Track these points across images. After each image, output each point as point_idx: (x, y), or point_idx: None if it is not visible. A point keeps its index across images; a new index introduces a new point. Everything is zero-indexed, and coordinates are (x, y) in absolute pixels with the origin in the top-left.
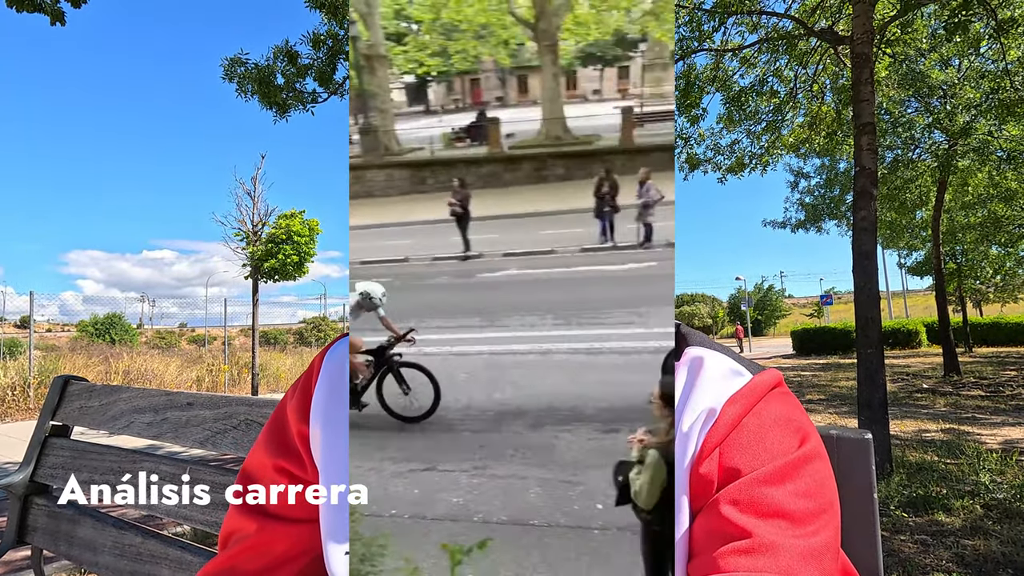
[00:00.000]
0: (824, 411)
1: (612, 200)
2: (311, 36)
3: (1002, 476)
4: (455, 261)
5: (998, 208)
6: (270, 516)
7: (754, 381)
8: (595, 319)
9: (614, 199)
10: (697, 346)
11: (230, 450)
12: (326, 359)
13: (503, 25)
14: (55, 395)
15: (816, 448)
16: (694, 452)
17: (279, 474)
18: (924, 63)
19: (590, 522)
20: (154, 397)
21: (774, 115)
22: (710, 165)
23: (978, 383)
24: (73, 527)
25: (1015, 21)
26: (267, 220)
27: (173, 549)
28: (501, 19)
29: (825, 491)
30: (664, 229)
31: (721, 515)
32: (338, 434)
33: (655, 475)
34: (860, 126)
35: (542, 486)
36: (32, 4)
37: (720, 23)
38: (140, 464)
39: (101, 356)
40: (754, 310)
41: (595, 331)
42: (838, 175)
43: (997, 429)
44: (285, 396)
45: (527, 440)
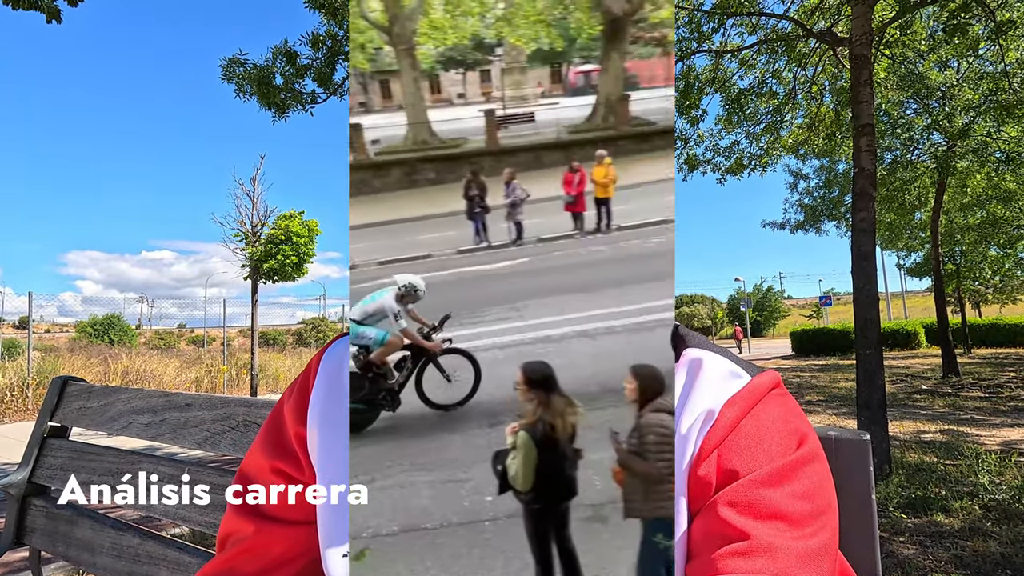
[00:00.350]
0: (823, 412)
1: (482, 201)
2: (310, 36)
3: (1001, 477)
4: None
5: (997, 209)
6: (267, 518)
7: (753, 383)
8: (474, 318)
9: (484, 200)
10: (696, 348)
11: (229, 451)
12: (323, 360)
13: (358, 29)
14: (54, 396)
15: (814, 450)
16: (692, 454)
17: (276, 476)
18: (923, 65)
19: (480, 515)
20: (153, 398)
21: (773, 116)
22: (709, 166)
23: (977, 384)
24: (71, 528)
25: (1013, 23)
26: (266, 221)
27: (171, 550)
28: (355, 23)
29: (823, 493)
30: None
31: (719, 517)
32: (335, 435)
33: (527, 456)
34: (859, 127)
35: (431, 488)
36: (28, 2)
37: (719, 24)
38: (138, 465)
39: (100, 357)
40: (753, 311)
41: (474, 330)
42: (837, 176)
43: (996, 430)
44: (282, 397)
45: (411, 447)
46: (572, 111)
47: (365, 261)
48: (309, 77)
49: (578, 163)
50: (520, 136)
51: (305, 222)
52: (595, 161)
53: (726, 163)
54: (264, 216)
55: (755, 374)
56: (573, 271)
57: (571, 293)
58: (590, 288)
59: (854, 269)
